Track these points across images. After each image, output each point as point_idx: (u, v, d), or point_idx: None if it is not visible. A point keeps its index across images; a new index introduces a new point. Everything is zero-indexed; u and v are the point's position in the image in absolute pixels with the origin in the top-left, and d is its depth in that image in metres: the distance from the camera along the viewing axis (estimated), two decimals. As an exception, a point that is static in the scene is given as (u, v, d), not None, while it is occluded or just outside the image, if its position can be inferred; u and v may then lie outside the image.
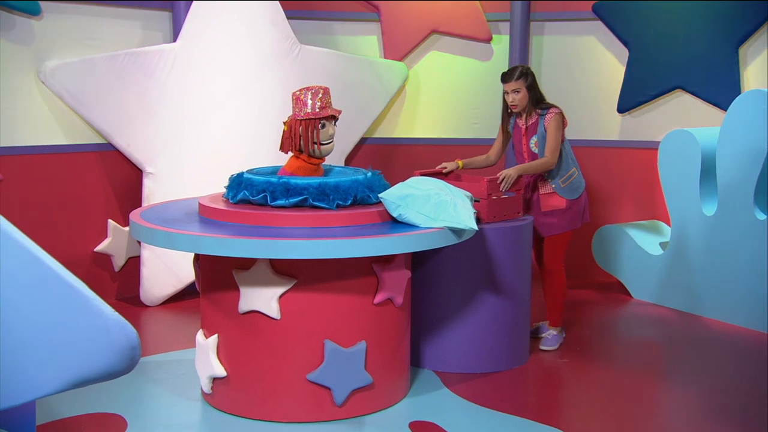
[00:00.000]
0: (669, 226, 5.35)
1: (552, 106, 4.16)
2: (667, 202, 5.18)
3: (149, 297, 5.04)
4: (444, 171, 4.22)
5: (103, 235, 5.09)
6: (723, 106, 5.19)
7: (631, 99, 5.69)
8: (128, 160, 5.06)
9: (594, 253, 5.70)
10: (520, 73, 4.11)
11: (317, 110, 3.47)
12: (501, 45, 5.98)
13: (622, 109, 5.74)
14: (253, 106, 5.16)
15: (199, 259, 3.49)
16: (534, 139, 4.14)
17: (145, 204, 4.95)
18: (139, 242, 5.01)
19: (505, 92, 4.16)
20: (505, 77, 4.13)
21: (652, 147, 5.54)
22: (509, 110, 4.22)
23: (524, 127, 4.18)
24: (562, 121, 4.15)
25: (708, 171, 4.92)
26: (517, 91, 4.10)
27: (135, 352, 1.79)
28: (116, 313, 1.80)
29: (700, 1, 5.31)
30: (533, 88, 4.13)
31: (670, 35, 5.46)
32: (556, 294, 4.31)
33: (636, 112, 5.75)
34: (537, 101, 4.15)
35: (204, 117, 5.06)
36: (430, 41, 6.07)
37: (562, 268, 4.29)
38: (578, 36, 5.90)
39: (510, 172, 3.94)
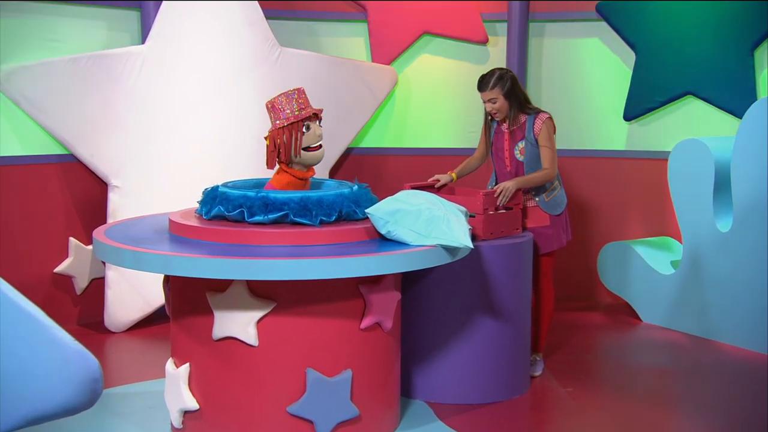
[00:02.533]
0: (680, 243, 5.36)
1: (540, 110, 4.16)
2: (678, 218, 5.20)
3: (114, 322, 5.01)
4: (437, 185, 4.22)
5: (64, 254, 5.05)
6: (737, 113, 5.23)
7: (638, 106, 5.72)
8: (92, 172, 5.04)
9: (599, 273, 5.71)
10: (496, 80, 4.05)
11: (297, 113, 3.47)
12: (498, 47, 6.01)
13: (628, 116, 5.77)
14: (230, 114, 5.15)
15: (169, 281, 3.46)
16: (520, 145, 4.14)
17: (110, 220, 4.93)
18: (104, 262, 4.97)
19: (483, 101, 4.15)
20: (480, 86, 4.10)
21: (661, 157, 5.56)
22: (489, 117, 4.23)
23: (508, 132, 4.19)
24: (553, 128, 4.15)
25: (722, 183, 4.94)
26: (494, 101, 4.08)
27: (96, 384, 1.77)
28: (76, 342, 1.78)
29: (712, 1, 5.36)
30: (513, 94, 4.08)
31: (681, 37, 5.50)
32: (544, 318, 4.31)
33: (644, 120, 5.78)
34: (520, 105, 4.12)
35: (175, 125, 5.05)
36: (421, 43, 6.10)
37: (551, 289, 4.31)
38: (581, 38, 5.94)
39: (508, 185, 3.95)
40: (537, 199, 4.18)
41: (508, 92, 4.07)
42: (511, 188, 3.95)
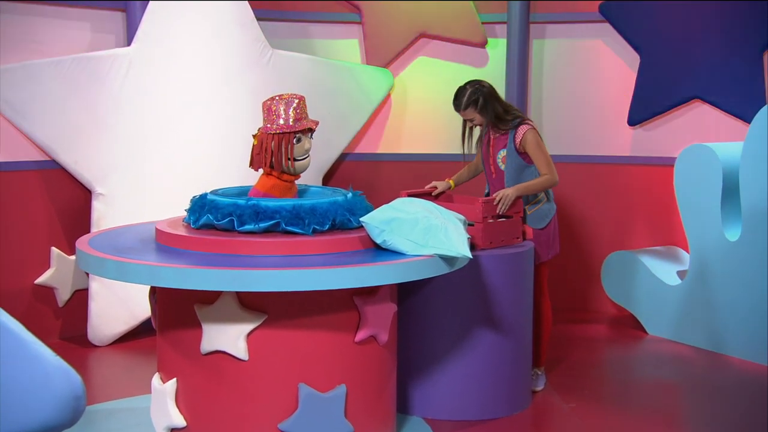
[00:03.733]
0: (687, 252, 5.37)
1: (521, 119, 4.15)
2: (685, 226, 5.20)
3: (98, 336, 4.99)
4: (434, 192, 4.22)
5: (46, 265, 5.04)
6: (746, 117, 5.24)
7: (643, 110, 5.73)
8: (75, 179, 5.03)
9: (603, 283, 5.71)
10: (468, 100, 4.11)
11: (292, 123, 3.47)
12: (497, 50, 6.02)
13: (633, 121, 5.78)
14: (219, 119, 5.15)
15: (155, 293, 3.45)
16: (502, 154, 4.18)
17: (94, 229, 4.92)
18: (87, 273, 4.96)
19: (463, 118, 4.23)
20: (454, 105, 4.19)
21: (667, 164, 5.57)
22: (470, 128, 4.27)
23: (492, 138, 4.23)
24: (539, 136, 4.14)
25: (730, 190, 4.95)
26: (472, 119, 4.17)
27: (79, 402, 1.76)
28: (58, 357, 1.77)
29: (720, 1, 5.37)
30: (486, 109, 4.12)
31: (687, 39, 5.51)
32: (543, 331, 4.31)
33: (649, 125, 5.80)
34: (497, 118, 4.14)
35: (162, 131, 5.04)
36: (417, 45, 6.10)
37: (548, 300, 4.32)
38: (583, 39, 5.95)
39: (508, 193, 3.95)
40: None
41: (482, 108, 4.12)
42: (511, 195, 3.95)
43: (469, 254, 3.28)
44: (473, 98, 4.10)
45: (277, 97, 3.51)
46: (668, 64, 5.59)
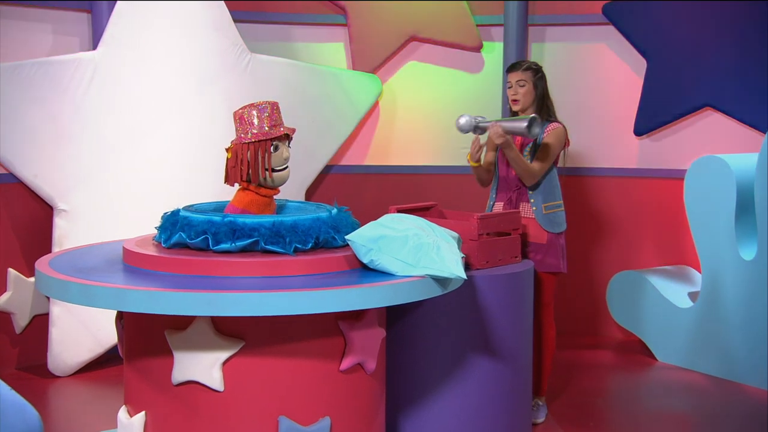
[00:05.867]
0: (699, 272, 5.38)
1: (557, 120, 4.33)
2: (697, 244, 5.22)
3: (59, 365, 4.96)
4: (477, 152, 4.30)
5: (2, 288, 5.02)
6: (761, 126, 5.27)
7: (650, 119, 5.76)
8: (35, 194, 5.02)
9: (609, 306, 5.71)
10: (529, 65, 4.31)
11: (267, 130, 3.47)
12: (493, 54, 6.04)
13: (640, 131, 5.81)
14: (193, 129, 5.15)
15: (123, 318, 3.44)
16: (529, 147, 4.27)
17: (55, 249, 4.90)
18: (48, 297, 4.93)
19: (508, 85, 4.33)
20: (512, 66, 4.34)
21: (677, 176, 5.59)
22: (510, 107, 4.37)
23: None
24: (565, 138, 4.28)
25: (745, 205, 4.97)
26: (522, 84, 4.27)
27: (36, 439, 1.74)
28: (12, 391, 1.75)
29: (733, 1, 5.41)
30: (540, 87, 4.29)
31: (697, 42, 5.55)
32: (545, 357, 4.32)
33: (657, 135, 5.82)
34: (542, 105, 4.29)
35: (130, 142, 5.04)
36: (408, 49, 6.12)
37: (552, 322, 4.34)
38: (586, 43, 5.98)
39: (499, 131, 4.04)
40: (534, 208, 4.22)
41: (537, 83, 4.28)
42: (500, 133, 4.03)
43: (463, 275, 3.27)
44: (536, 68, 4.30)
45: (248, 106, 3.52)
46: (677, 69, 5.62)
